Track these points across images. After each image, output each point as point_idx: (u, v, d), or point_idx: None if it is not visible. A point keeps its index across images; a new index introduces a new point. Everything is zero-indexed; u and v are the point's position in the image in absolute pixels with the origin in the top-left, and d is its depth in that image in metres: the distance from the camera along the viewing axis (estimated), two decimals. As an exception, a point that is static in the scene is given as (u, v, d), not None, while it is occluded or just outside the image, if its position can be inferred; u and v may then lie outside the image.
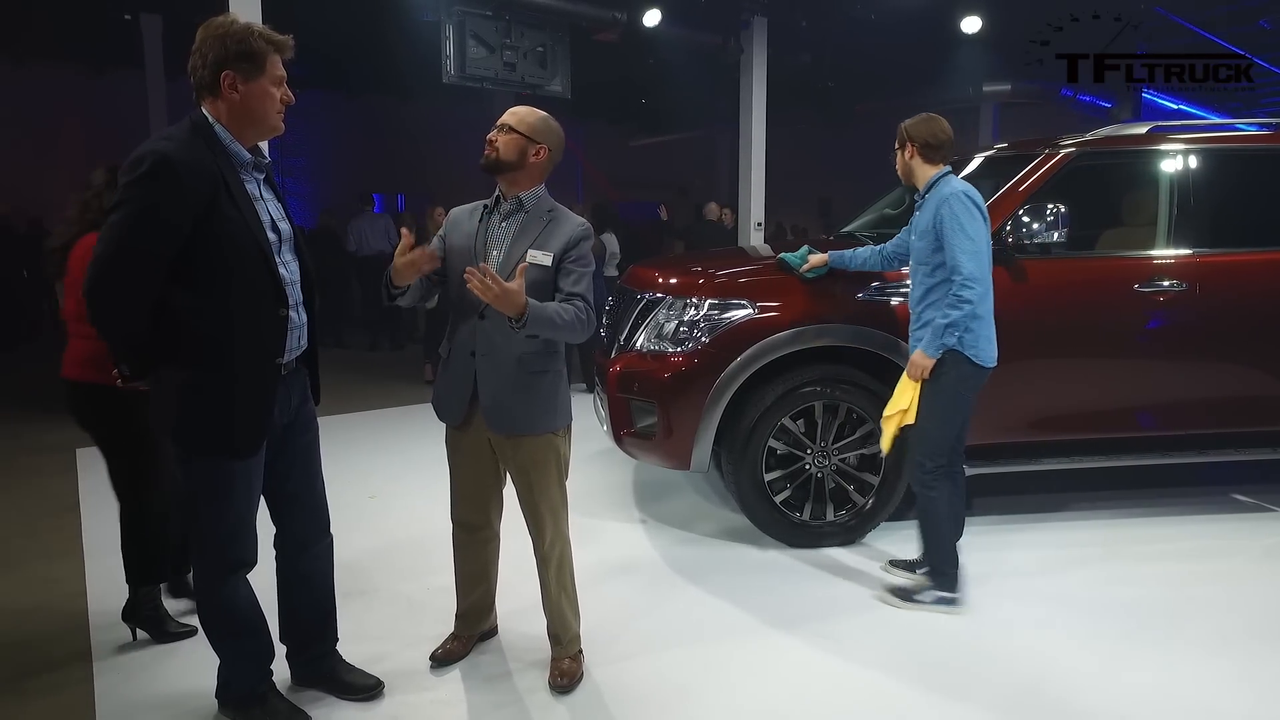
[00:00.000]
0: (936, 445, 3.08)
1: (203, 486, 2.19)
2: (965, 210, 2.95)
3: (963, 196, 2.97)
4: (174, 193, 1.99)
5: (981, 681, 2.69)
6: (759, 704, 2.58)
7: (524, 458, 2.53)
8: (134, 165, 1.99)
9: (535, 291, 2.42)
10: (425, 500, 4.39)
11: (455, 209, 2.65)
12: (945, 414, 3.05)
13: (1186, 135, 4.03)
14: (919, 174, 3.15)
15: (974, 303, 2.91)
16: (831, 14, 9.87)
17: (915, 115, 3.18)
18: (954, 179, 3.07)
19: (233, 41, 2.05)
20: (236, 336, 2.12)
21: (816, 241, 4.24)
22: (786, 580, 3.44)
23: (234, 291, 2.11)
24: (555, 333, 2.41)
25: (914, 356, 3.06)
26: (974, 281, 2.90)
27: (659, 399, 3.64)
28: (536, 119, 2.51)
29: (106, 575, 3.47)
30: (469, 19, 7.57)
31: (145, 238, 1.99)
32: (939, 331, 2.96)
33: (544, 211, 2.52)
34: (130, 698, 2.60)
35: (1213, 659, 2.82)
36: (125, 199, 1.99)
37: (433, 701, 2.58)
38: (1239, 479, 4.54)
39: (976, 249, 2.92)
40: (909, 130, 3.15)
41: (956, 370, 3.00)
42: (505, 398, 2.47)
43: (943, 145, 3.11)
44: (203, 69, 2.08)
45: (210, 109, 2.12)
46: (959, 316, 2.92)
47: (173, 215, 2.00)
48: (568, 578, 2.66)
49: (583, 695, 2.61)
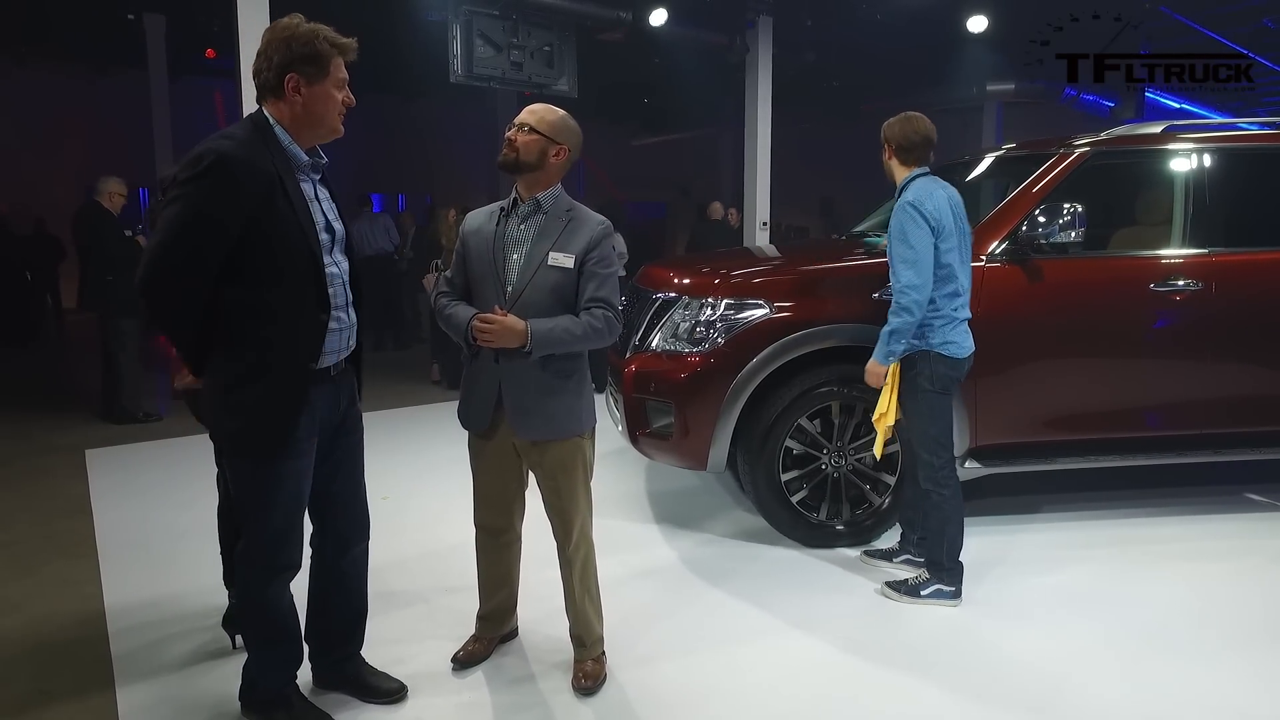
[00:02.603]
0: (936, 441, 3.12)
1: (249, 488, 2.19)
2: (909, 219, 2.98)
3: (908, 207, 3.00)
4: (229, 191, 2.00)
5: (1005, 683, 2.69)
6: (783, 706, 2.57)
7: (551, 462, 2.52)
8: (194, 162, 2.00)
9: (557, 295, 2.42)
10: (439, 501, 4.38)
11: (471, 213, 2.63)
12: (932, 411, 3.10)
13: (1201, 134, 4.03)
14: (896, 173, 3.17)
15: (911, 310, 2.97)
16: (836, 14, 9.87)
17: (895, 116, 3.17)
18: (915, 184, 3.07)
19: (298, 44, 2.08)
20: (278, 337, 2.12)
21: (824, 241, 4.23)
22: (805, 581, 3.43)
23: (282, 292, 2.11)
24: (569, 348, 2.42)
25: (869, 365, 3.12)
26: (910, 289, 2.96)
27: (676, 399, 3.63)
28: (557, 118, 2.49)
29: (122, 576, 3.47)
30: (476, 18, 7.57)
31: (196, 234, 2.01)
32: (884, 339, 3.04)
33: (563, 211, 2.50)
34: (153, 699, 2.59)
35: (1228, 659, 2.82)
36: (181, 194, 2.00)
37: (457, 704, 2.57)
38: (1252, 478, 4.53)
39: (915, 258, 2.96)
40: (885, 131, 3.17)
41: (929, 368, 3.07)
42: (530, 402, 2.46)
43: (916, 146, 3.11)
44: (268, 71, 2.09)
45: (272, 110, 2.13)
46: (899, 324, 2.99)
47: (226, 214, 2.01)
48: (592, 580, 2.66)
49: (607, 697, 2.60)
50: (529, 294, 2.41)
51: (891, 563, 3.49)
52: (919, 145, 3.11)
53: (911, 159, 3.13)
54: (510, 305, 2.42)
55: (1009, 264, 3.68)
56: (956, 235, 3.06)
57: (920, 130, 3.11)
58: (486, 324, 2.34)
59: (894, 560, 3.50)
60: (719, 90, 11.84)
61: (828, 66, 11.25)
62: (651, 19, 8.68)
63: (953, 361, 3.07)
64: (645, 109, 16.09)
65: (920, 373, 3.08)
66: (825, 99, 12.57)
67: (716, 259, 4.54)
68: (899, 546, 3.54)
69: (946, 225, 3.02)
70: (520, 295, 2.41)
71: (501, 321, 2.33)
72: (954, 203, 3.10)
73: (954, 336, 3.06)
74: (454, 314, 2.48)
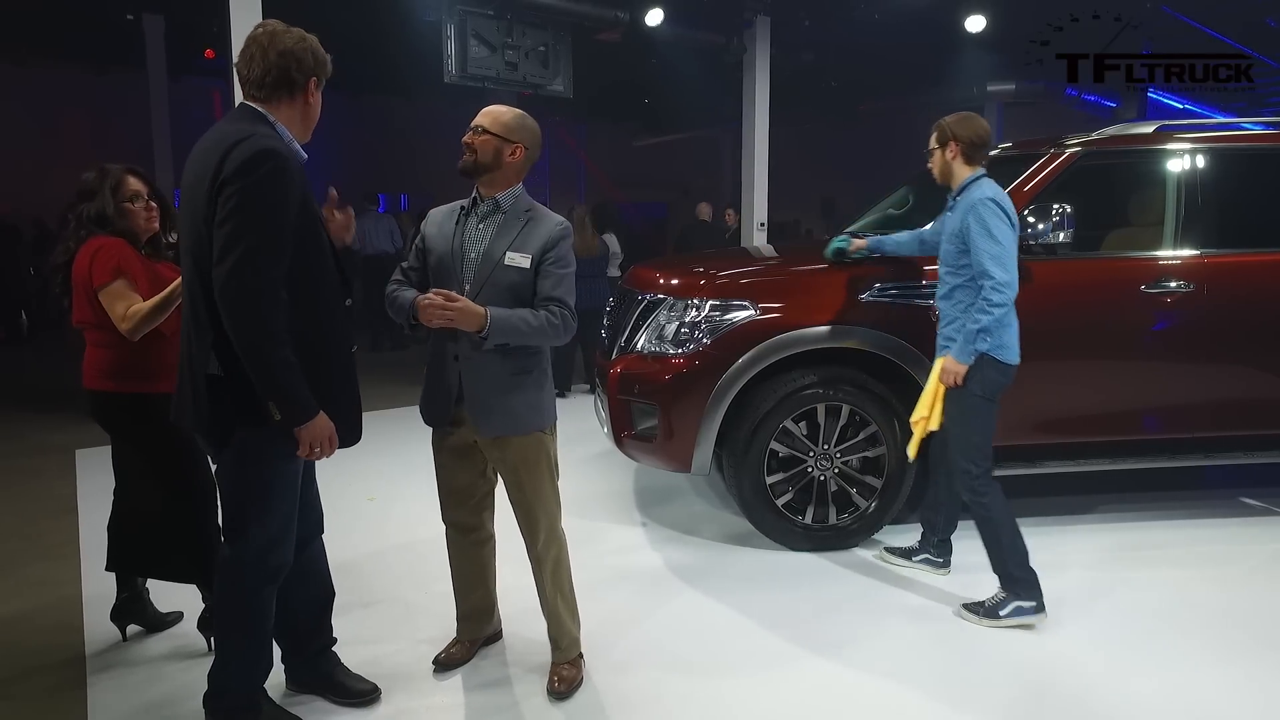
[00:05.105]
0: (978, 449, 3.02)
1: (259, 487, 2.19)
2: (993, 215, 2.92)
3: (990, 203, 2.93)
4: (292, 188, 2.07)
5: (988, 686, 2.66)
6: (761, 710, 2.54)
7: (513, 458, 2.50)
8: (254, 165, 2.01)
9: (514, 294, 2.42)
10: (424, 503, 4.31)
11: (433, 210, 2.63)
12: (979, 417, 3.01)
13: (1193, 135, 3.98)
14: (957, 175, 3.09)
15: (1004, 306, 2.90)
16: (834, 13, 9.83)
17: (954, 113, 3.11)
18: (986, 183, 3.03)
19: (316, 53, 2.22)
20: (327, 327, 2.19)
21: (821, 241, 4.20)
22: (789, 584, 3.40)
23: (323, 284, 2.19)
24: (524, 340, 2.41)
25: (945, 362, 3.01)
26: (1002, 286, 2.89)
27: (660, 401, 3.61)
28: (511, 118, 2.48)
29: (103, 577, 3.43)
30: (471, 18, 7.56)
31: (276, 232, 2.04)
32: (970, 337, 2.94)
33: (521, 212, 2.49)
34: (123, 702, 2.57)
35: (1221, 664, 2.78)
36: (255, 197, 2.01)
37: (428, 707, 2.55)
38: (1246, 482, 4.49)
39: (1002, 254, 2.90)
40: (952, 128, 3.06)
41: (982, 372, 2.96)
42: (490, 399, 2.45)
43: (985, 145, 3.06)
44: (296, 72, 2.17)
45: (275, 110, 2.18)
46: (989, 321, 2.90)
47: (290, 210, 2.07)
48: (564, 580, 2.63)
49: (581, 701, 2.58)
50: (486, 292, 2.41)
51: (911, 561, 3.49)
52: (988, 143, 3.05)
53: (979, 157, 3.06)
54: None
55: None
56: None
57: (987, 127, 3.06)
58: (449, 301, 2.31)
59: (913, 559, 3.49)
60: (718, 90, 11.81)
61: (826, 66, 11.21)
62: (648, 19, 8.66)
63: (1005, 367, 2.97)
64: (644, 109, 16.06)
65: (971, 376, 2.97)
66: (823, 99, 12.51)
67: (703, 260, 4.52)
68: (918, 545, 3.52)
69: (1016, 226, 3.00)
70: (478, 294, 2.41)
71: (464, 302, 2.33)
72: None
73: (1008, 340, 2.97)
74: (399, 296, 2.49)
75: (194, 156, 2.16)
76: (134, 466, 2.81)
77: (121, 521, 2.85)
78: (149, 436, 2.72)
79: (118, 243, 2.68)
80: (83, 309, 2.68)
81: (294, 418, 2.08)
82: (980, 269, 2.93)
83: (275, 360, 2.04)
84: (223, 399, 2.12)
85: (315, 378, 2.12)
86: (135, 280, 2.65)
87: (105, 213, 2.69)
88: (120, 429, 2.78)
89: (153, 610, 3.01)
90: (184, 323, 2.22)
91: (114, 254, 2.64)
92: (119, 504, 2.87)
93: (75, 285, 2.69)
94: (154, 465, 2.75)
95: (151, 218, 2.79)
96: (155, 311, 2.63)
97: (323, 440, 2.16)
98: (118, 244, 2.67)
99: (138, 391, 2.68)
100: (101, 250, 2.64)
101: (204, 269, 2.07)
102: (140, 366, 2.68)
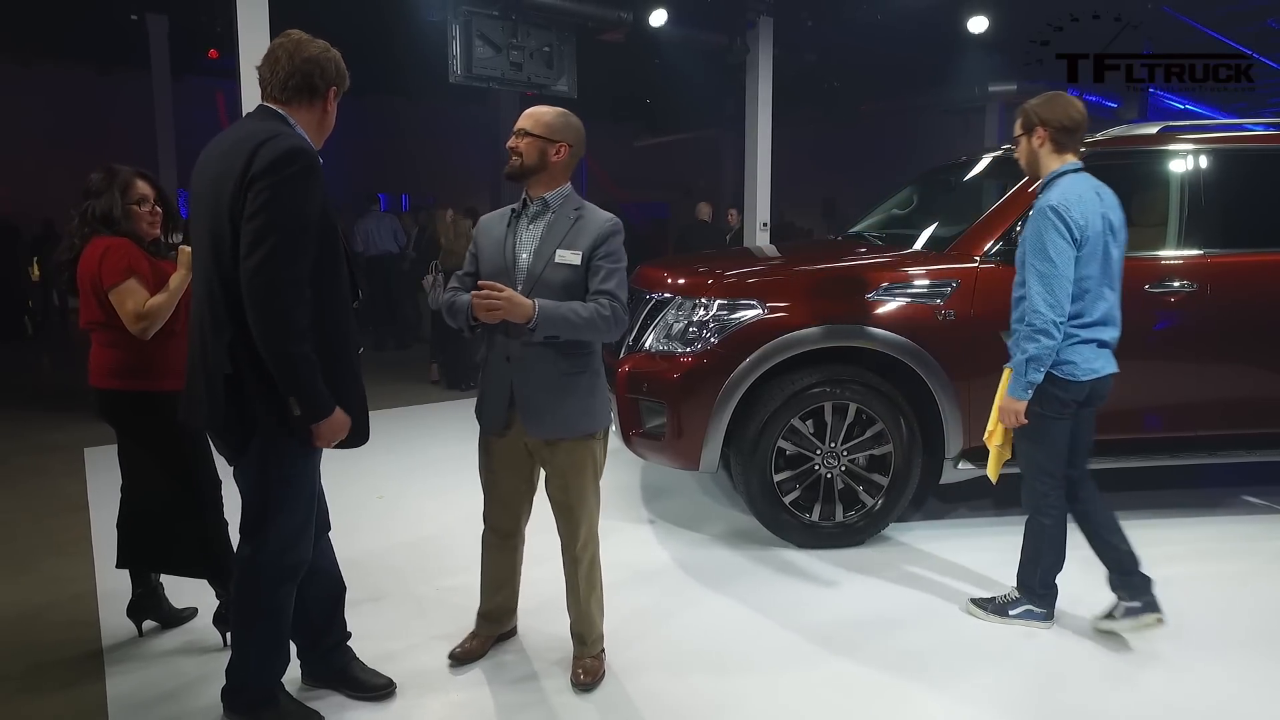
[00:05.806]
0: (1041, 466, 2.87)
1: (279, 485, 2.21)
2: (1050, 227, 2.64)
3: (1050, 213, 2.64)
4: (320, 187, 2.12)
5: (994, 684, 2.69)
6: (778, 705, 2.57)
7: (562, 461, 2.53)
8: (286, 162, 2.04)
9: (567, 292, 2.44)
10: (433, 500, 4.39)
11: (485, 216, 2.68)
12: (1041, 435, 2.82)
13: (1197, 135, 4.01)
14: (1045, 164, 2.78)
15: (1049, 332, 2.65)
16: (837, 14, 9.86)
17: (1039, 96, 2.81)
18: (1065, 184, 2.71)
19: (339, 65, 2.29)
20: (340, 328, 2.22)
21: (821, 241, 4.23)
22: (797, 582, 3.43)
23: (337, 285, 2.21)
24: (574, 332, 2.41)
25: (1004, 402, 2.80)
26: (1046, 309, 2.64)
27: (668, 399, 3.64)
28: (553, 117, 2.51)
29: (116, 574, 3.45)
30: (475, 19, 7.58)
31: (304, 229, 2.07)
32: (1020, 369, 2.71)
33: (571, 210, 2.52)
34: (142, 695, 2.60)
35: (1224, 662, 2.81)
36: (286, 193, 2.04)
37: (446, 703, 2.57)
38: (1249, 480, 4.52)
39: (1053, 274, 2.63)
40: (1039, 112, 2.76)
41: (1041, 395, 2.76)
42: (542, 401, 2.47)
43: (1078, 129, 2.73)
44: (319, 79, 2.23)
45: (295, 113, 2.22)
46: (1036, 350, 2.66)
47: (316, 209, 2.11)
48: (597, 579, 2.68)
49: (607, 693, 2.61)
50: (539, 291, 2.43)
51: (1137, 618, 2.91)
52: (1082, 127, 2.71)
53: (1071, 145, 2.74)
54: None
55: (1003, 265, 3.67)
56: (1101, 246, 2.72)
57: (1080, 109, 2.70)
58: (495, 293, 2.33)
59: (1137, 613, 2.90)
60: (721, 91, 11.85)
61: (828, 67, 11.23)
62: (651, 19, 8.69)
63: (1065, 384, 2.74)
64: (647, 110, 16.09)
65: (1031, 401, 2.76)
66: (826, 100, 12.54)
67: (710, 259, 4.55)
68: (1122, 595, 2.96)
69: (1092, 234, 2.67)
70: (530, 293, 2.43)
71: (505, 295, 2.34)
72: (1109, 207, 2.76)
73: (1072, 356, 2.73)
74: (456, 300, 2.52)
75: (213, 154, 2.18)
76: (140, 463, 2.84)
77: (129, 518, 2.88)
78: (155, 434, 2.75)
79: (125, 242, 2.70)
80: (91, 309, 2.71)
81: (314, 413, 2.11)
82: (1029, 288, 2.69)
83: (298, 355, 2.06)
84: (242, 400, 2.14)
85: (327, 377, 2.14)
86: (145, 279, 2.68)
87: (111, 213, 2.71)
88: (127, 426, 2.81)
89: (168, 606, 3.04)
90: (196, 321, 2.22)
91: (124, 254, 2.67)
92: (126, 501, 2.89)
93: (82, 286, 2.71)
94: (160, 462, 2.79)
95: (155, 223, 2.81)
96: (164, 308, 2.66)
97: (338, 435, 2.20)
98: (125, 244, 2.70)
99: (144, 389, 2.70)
100: (110, 250, 2.66)
101: (224, 265, 2.09)
102: (147, 365, 2.71)
